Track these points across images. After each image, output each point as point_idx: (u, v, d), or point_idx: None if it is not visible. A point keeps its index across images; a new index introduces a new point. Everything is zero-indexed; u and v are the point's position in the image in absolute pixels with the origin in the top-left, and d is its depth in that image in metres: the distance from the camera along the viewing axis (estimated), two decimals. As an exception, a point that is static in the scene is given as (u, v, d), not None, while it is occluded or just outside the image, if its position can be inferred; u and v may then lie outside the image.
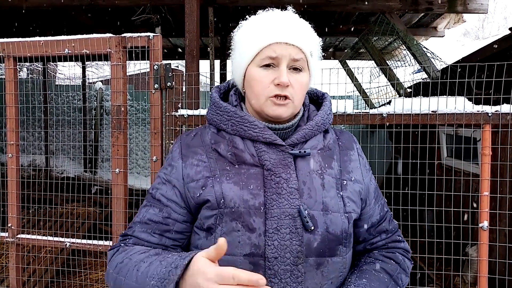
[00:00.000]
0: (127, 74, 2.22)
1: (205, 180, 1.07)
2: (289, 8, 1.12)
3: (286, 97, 1.05)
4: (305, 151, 1.07)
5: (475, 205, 1.87)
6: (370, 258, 1.17)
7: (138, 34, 2.11)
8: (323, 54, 1.20)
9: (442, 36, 6.28)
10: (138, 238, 1.10)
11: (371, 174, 1.23)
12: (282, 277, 1.00)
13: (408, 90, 5.42)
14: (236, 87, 1.20)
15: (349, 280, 1.08)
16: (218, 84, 1.26)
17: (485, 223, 1.85)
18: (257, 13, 1.12)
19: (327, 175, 1.09)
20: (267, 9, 1.12)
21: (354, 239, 1.18)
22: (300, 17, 1.12)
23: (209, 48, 4.66)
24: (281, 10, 1.11)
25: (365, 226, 1.18)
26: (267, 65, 1.06)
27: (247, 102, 1.15)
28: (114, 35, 2.14)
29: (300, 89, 1.07)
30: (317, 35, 1.14)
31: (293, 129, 1.13)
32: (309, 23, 1.14)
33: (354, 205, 1.10)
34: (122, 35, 2.12)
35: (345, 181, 1.11)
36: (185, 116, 2.06)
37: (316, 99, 1.25)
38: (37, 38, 2.23)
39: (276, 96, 1.05)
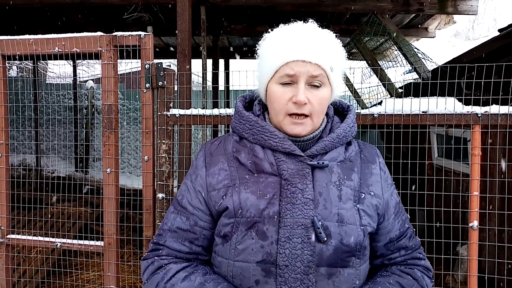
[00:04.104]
0: (119, 73, 2.20)
1: (225, 189, 1.10)
2: (311, 20, 1.13)
3: (304, 115, 1.06)
4: (323, 162, 1.08)
5: (465, 204, 1.89)
6: (386, 272, 1.17)
7: (129, 33, 2.09)
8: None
9: (433, 37, 6.33)
10: (170, 249, 1.15)
11: (393, 189, 1.22)
12: (292, 285, 1.02)
13: (400, 90, 5.45)
14: (260, 97, 1.22)
15: None
16: (244, 94, 1.28)
17: (475, 223, 1.86)
18: (279, 26, 1.13)
19: (345, 186, 1.09)
20: (288, 23, 1.13)
21: (371, 253, 1.18)
22: (323, 29, 1.12)
23: (201, 47, 4.65)
24: (304, 22, 1.12)
25: (383, 241, 1.18)
26: (286, 83, 1.07)
27: (271, 116, 1.16)
28: (105, 34, 2.12)
29: (320, 105, 1.08)
30: None
31: (314, 141, 1.13)
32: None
33: (370, 219, 1.10)
34: (113, 33, 2.11)
35: (363, 194, 1.11)
36: (176, 115, 2.05)
37: (341, 110, 1.25)
38: (26, 36, 2.20)
39: (294, 114, 1.07)
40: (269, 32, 1.15)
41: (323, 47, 1.07)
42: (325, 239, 1.02)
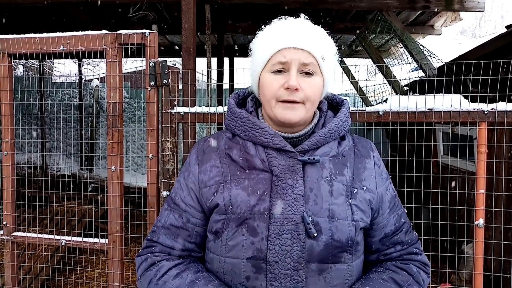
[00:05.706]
0: (124, 71, 2.21)
1: (216, 186, 1.10)
2: (302, 15, 1.14)
3: (295, 102, 1.06)
4: (314, 158, 1.07)
5: (471, 202, 1.87)
6: (381, 267, 1.16)
7: (134, 31, 2.09)
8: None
9: (439, 34, 6.29)
10: (163, 245, 1.16)
11: (389, 183, 1.20)
12: (282, 281, 1.02)
13: (405, 88, 5.42)
14: (254, 94, 1.22)
15: (353, 287, 1.09)
16: (237, 91, 1.28)
17: (480, 221, 1.85)
18: (272, 22, 1.14)
19: (337, 182, 1.09)
20: (280, 18, 1.14)
21: (367, 248, 1.17)
22: (314, 24, 1.13)
23: (206, 46, 4.65)
24: (295, 17, 1.13)
25: (378, 236, 1.17)
26: (279, 71, 1.07)
27: (263, 109, 1.17)
28: (109, 32, 2.12)
29: (312, 92, 1.08)
30: None
31: (306, 137, 1.13)
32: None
33: (362, 214, 1.09)
34: (118, 32, 2.11)
35: (355, 189, 1.10)
36: (181, 113, 2.05)
37: (335, 105, 1.25)
38: (32, 35, 2.21)
39: (285, 101, 1.06)
40: (261, 30, 1.16)
41: (315, 37, 1.08)
42: (315, 234, 1.02)
